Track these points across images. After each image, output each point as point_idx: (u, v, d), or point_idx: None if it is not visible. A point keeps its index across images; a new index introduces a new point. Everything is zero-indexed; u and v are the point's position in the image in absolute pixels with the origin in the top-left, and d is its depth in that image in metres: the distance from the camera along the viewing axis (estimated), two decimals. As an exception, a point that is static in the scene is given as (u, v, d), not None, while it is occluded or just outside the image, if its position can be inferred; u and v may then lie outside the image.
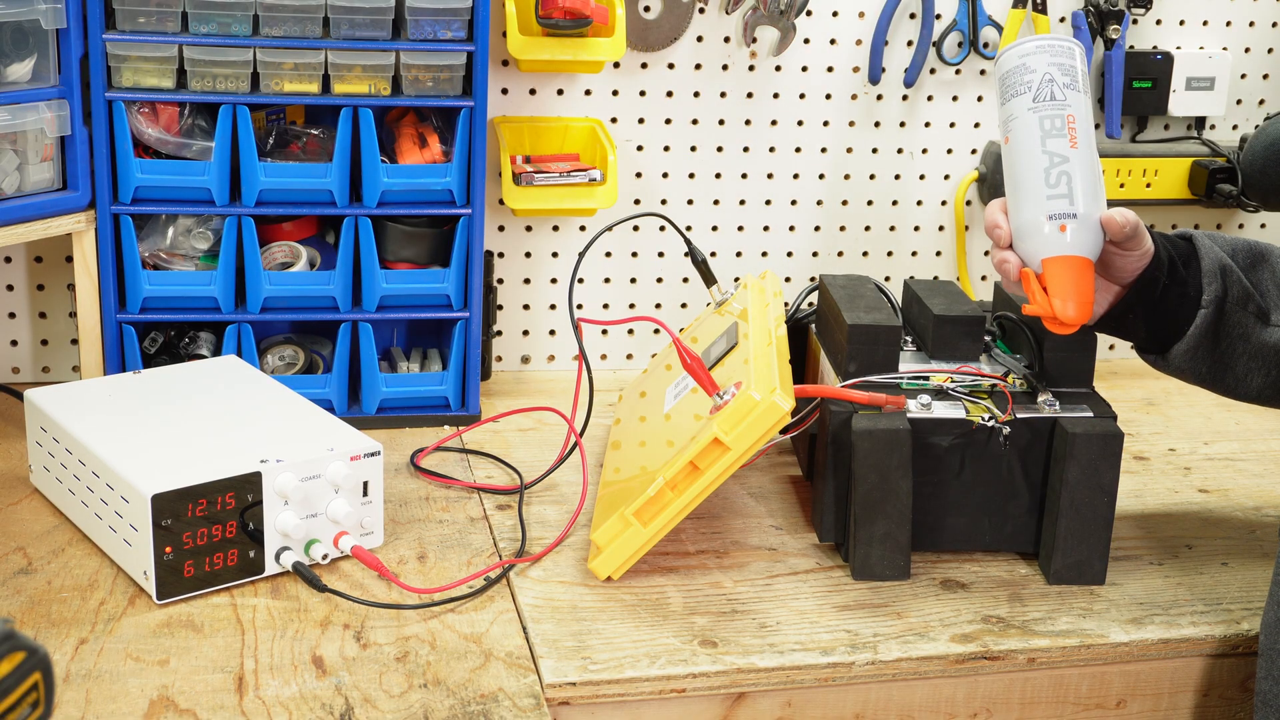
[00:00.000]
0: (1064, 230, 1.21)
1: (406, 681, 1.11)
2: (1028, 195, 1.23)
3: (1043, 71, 1.24)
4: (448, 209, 1.57)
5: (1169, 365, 1.32)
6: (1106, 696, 1.29)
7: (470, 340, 1.62)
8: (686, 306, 1.87)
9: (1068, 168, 1.22)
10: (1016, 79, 1.26)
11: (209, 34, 1.47)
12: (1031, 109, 1.24)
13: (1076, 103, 1.24)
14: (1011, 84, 1.26)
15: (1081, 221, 1.21)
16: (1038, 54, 1.25)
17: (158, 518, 1.17)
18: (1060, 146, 1.22)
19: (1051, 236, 1.21)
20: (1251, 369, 1.32)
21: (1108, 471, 1.29)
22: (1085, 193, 1.21)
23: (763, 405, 1.22)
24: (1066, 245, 1.21)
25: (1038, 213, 1.22)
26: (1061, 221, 1.21)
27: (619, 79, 1.76)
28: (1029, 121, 1.24)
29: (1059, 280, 1.20)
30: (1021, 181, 1.24)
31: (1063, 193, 1.21)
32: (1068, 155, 1.22)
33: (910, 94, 1.85)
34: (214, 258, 1.56)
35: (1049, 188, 1.22)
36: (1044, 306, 1.20)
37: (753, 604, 1.27)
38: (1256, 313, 1.30)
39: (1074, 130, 1.23)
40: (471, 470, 1.52)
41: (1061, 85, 1.24)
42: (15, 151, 1.45)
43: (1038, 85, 1.24)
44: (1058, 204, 1.21)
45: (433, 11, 1.50)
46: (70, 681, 1.09)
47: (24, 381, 1.70)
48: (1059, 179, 1.22)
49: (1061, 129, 1.22)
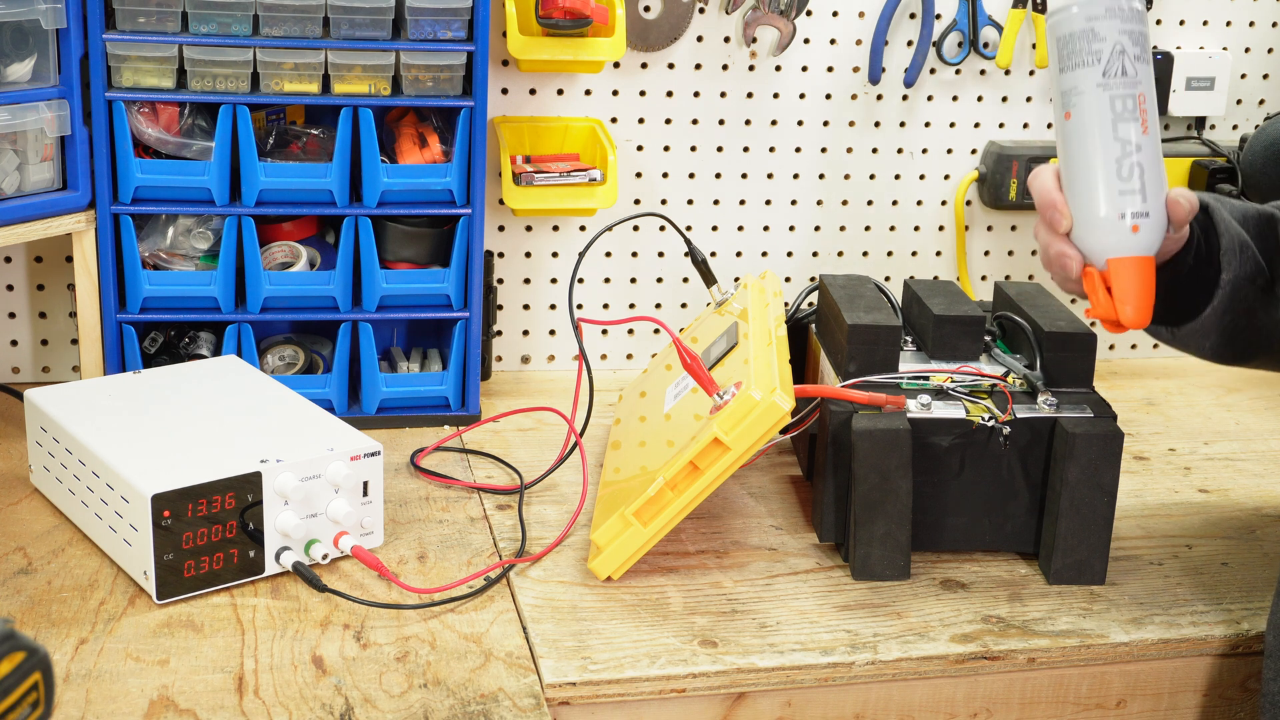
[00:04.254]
0: (1137, 231, 1.11)
1: (406, 681, 1.11)
2: (1096, 186, 1.12)
3: (1114, 40, 1.11)
4: (448, 209, 1.57)
5: (1175, 339, 1.27)
6: (1106, 696, 1.29)
7: (470, 340, 1.62)
8: (686, 306, 1.87)
9: (1141, 158, 1.11)
10: (1082, 46, 1.12)
11: (209, 34, 1.47)
12: (1102, 85, 1.11)
13: (1147, 78, 1.12)
14: (1076, 51, 1.12)
15: (1154, 219, 1.12)
16: (1108, 18, 1.12)
17: (158, 518, 1.17)
18: (1133, 132, 1.11)
19: (1123, 236, 1.12)
20: (1254, 341, 1.28)
21: (1108, 471, 1.29)
22: (1156, 187, 1.12)
23: (763, 405, 1.22)
24: (1138, 245, 1.12)
25: (1109, 208, 1.12)
26: (1135, 221, 1.11)
27: (619, 79, 1.77)
28: (1099, 101, 1.11)
29: (1127, 282, 1.12)
30: (1089, 170, 1.12)
31: (1136, 188, 1.11)
32: (1140, 143, 1.11)
33: (910, 94, 1.85)
34: (214, 258, 1.56)
35: (1121, 181, 1.11)
36: (1107, 309, 1.12)
37: (753, 604, 1.27)
38: (1264, 285, 1.26)
39: (1145, 112, 1.12)
40: (471, 470, 1.52)
41: (1133, 57, 1.11)
42: (15, 151, 1.45)
43: (1108, 56, 1.11)
44: (1131, 201, 1.11)
45: (433, 11, 1.51)
46: (70, 681, 1.09)
47: (24, 381, 1.70)
48: (1132, 171, 1.11)
49: (1134, 111, 1.11)
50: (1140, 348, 2.04)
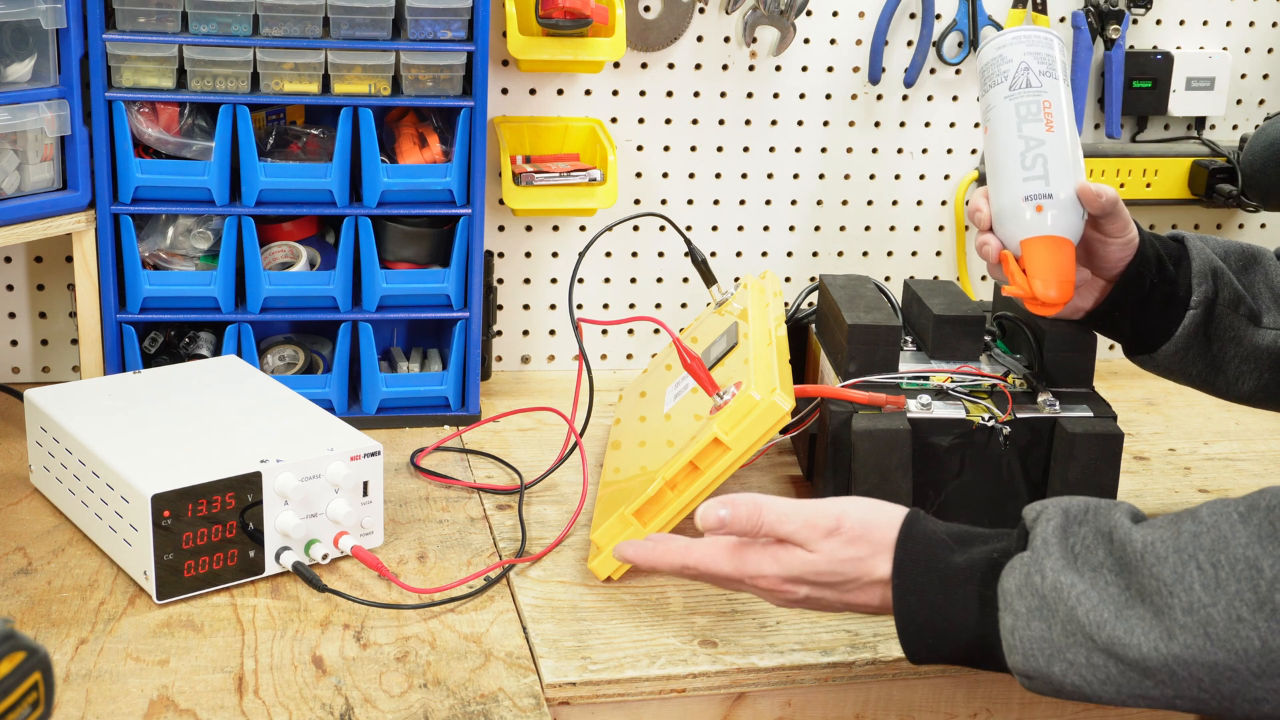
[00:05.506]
0: (1040, 210, 1.22)
1: (406, 681, 1.11)
2: (1005, 179, 1.24)
3: (1019, 61, 1.26)
4: (448, 209, 1.57)
5: (1158, 365, 1.34)
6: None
7: (470, 340, 1.62)
8: (686, 306, 1.87)
9: (1043, 150, 1.23)
10: (994, 70, 1.27)
11: (209, 34, 1.47)
12: (1008, 97, 1.25)
13: (1053, 89, 1.25)
14: (990, 75, 1.28)
15: (1057, 202, 1.22)
16: (1014, 44, 1.27)
17: (158, 518, 1.17)
18: (1036, 131, 1.23)
19: (1028, 217, 1.22)
20: (1244, 371, 1.33)
21: (1108, 471, 1.29)
22: (1061, 174, 1.22)
23: (763, 405, 1.22)
24: (1043, 225, 1.22)
25: (1014, 194, 1.23)
26: (1038, 202, 1.22)
27: (619, 79, 1.76)
28: (1005, 109, 1.25)
29: (1037, 260, 1.21)
30: (999, 167, 1.25)
31: (1038, 174, 1.22)
32: (1043, 139, 1.23)
33: (910, 94, 1.85)
34: (214, 258, 1.56)
35: (1025, 170, 1.23)
36: (1023, 287, 1.21)
37: (753, 604, 1.27)
38: (1249, 315, 1.31)
39: (1050, 115, 1.24)
40: (471, 470, 1.52)
41: (1037, 73, 1.25)
42: (15, 151, 1.45)
43: (1014, 74, 1.25)
44: (1033, 185, 1.22)
45: (433, 11, 1.51)
46: (70, 681, 1.09)
47: (24, 381, 1.70)
48: (1034, 161, 1.23)
49: (1037, 114, 1.24)
50: (1140, 348, 2.03)
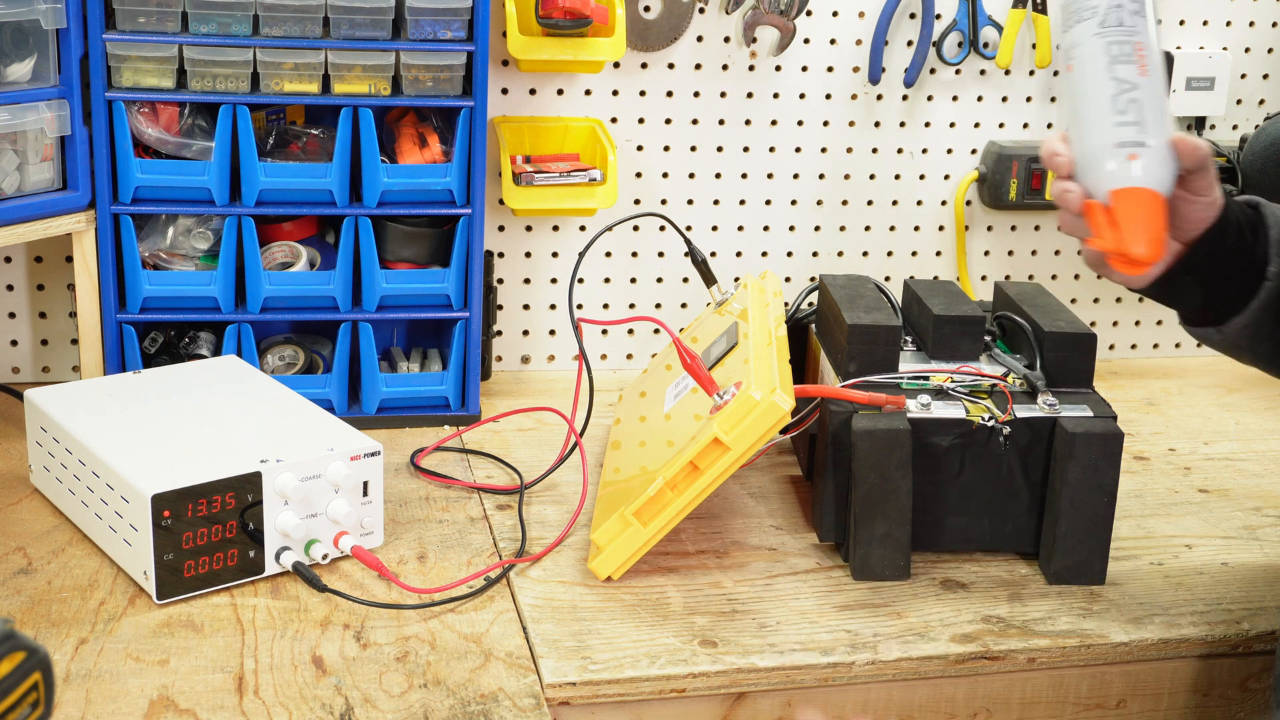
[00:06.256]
0: (1133, 159, 1.10)
1: (406, 681, 1.11)
2: (1093, 123, 1.12)
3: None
4: (448, 209, 1.57)
5: (1224, 339, 1.22)
6: (1107, 696, 1.29)
7: (470, 340, 1.62)
8: (686, 306, 1.87)
9: (1137, 95, 1.11)
10: (1080, 4, 1.15)
11: (209, 34, 1.47)
12: (1098, 34, 1.13)
13: (1144, 31, 1.13)
14: (1075, 9, 1.15)
15: (1152, 151, 1.10)
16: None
17: (158, 518, 1.17)
18: (1128, 73, 1.12)
19: (1121, 166, 1.10)
20: None
21: (1108, 471, 1.29)
22: (1157, 121, 1.11)
23: (763, 405, 1.22)
24: (1137, 176, 1.10)
25: (1105, 140, 1.11)
26: (1131, 150, 1.10)
27: (619, 79, 1.76)
28: (1094, 47, 1.13)
29: (1129, 213, 1.09)
30: (1087, 108, 1.13)
31: (1132, 120, 1.11)
32: (1137, 82, 1.11)
33: (910, 94, 1.85)
34: (214, 258, 1.56)
35: (1117, 114, 1.11)
36: (1112, 242, 1.10)
37: (753, 604, 1.27)
38: None
39: (1144, 57, 1.12)
40: (471, 470, 1.52)
41: (1130, 11, 1.13)
42: (15, 151, 1.45)
43: (1105, 9, 1.13)
44: (1126, 131, 1.11)
45: (433, 11, 1.51)
46: (70, 681, 1.09)
47: (24, 381, 1.70)
48: (1128, 105, 1.11)
49: (1130, 55, 1.12)
50: (1140, 348, 2.04)
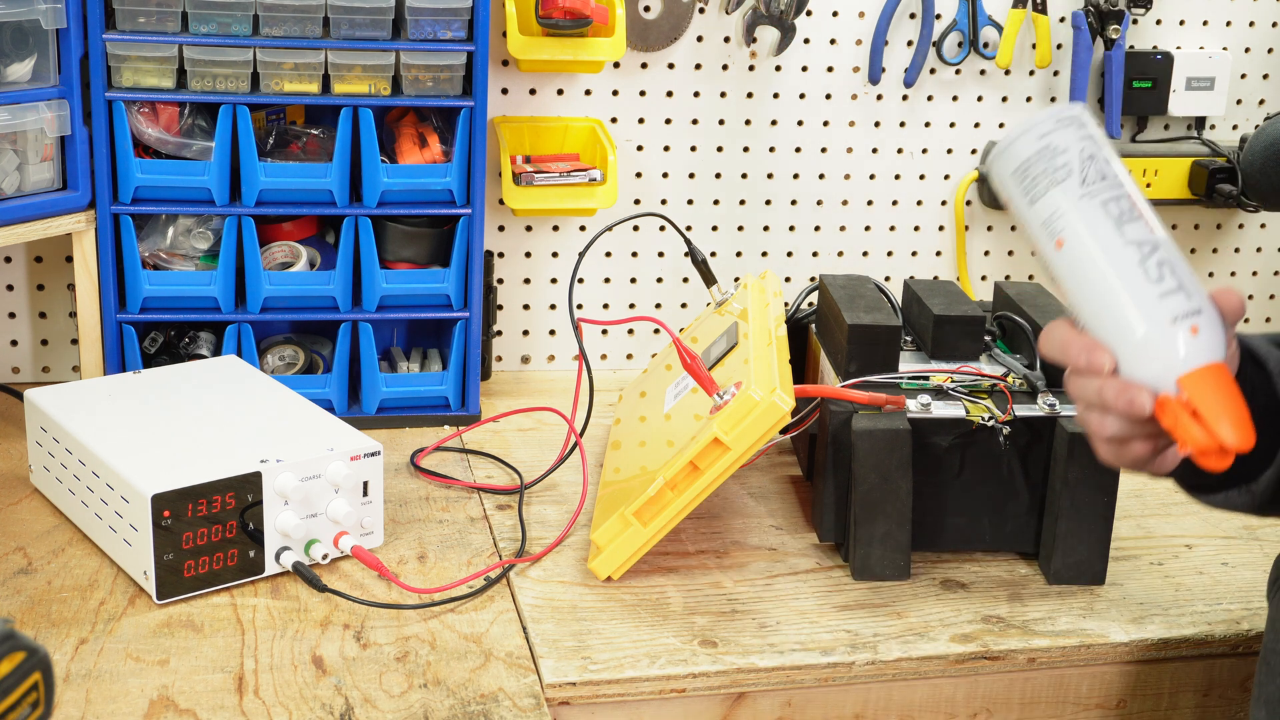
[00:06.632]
0: (1197, 332, 0.91)
1: (406, 681, 1.11)
2: (1131, 301, 0.92)
3: (1078, 147, 0.95)
4: (448, 209, 1.57)
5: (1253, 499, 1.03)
6: (1107, 696, 1.29)
7: (470, 340, 1.62)
8: (686, 306, 1.87)
9: (1164, 255, 0.93)
10: (1046, 165, 0.95)
11: (209, 34, 1.47)
12: (1085, 194, 0.94)
13: (1130, 181, 0.96)
14: (1040, 174, 0.95)
15: (1209, 317, 0.92)
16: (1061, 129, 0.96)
17: (158, 518, 1.17)
18: (1142, 232, 0.93)
19: (1188, 345, 0.91)
20: None
21: (1108, 471, 1.29)
22: (1193, 281, 0.93)
23: (763, 405, 1.22)
24: (1205, 351, 0.91)
25: (1155, 318, 0.91)
26: (1191, 322, 0.91)
27: (619, 79, 1.76)
28: (1089, 212, 0.94)
29: (1213, 399, 0.90)
30: (1110, 288, 0.93)
31: (1174, 285, 0.92)
32: (1157, 240, 0.93)
33: (910, 94, 1.85)
34: (214, 258, 1.56)
35: (1156, 284, 0.92)
36: (1205, 439, 0.89)
37: (753, 604, 1.27)
38: None
39: (1143, 209, 0.94)
40: (471, 470, 1.52)
41: (1104, 159, 0.95)
42: (15, 151, 1.45)
43: (1080, 163, 0.94)
44: (1175, 302, 0.91)
45: (433, 11, 1.51)
46: (70, 681, 1.09)
47: (24, 381, 1.70)
48: (1161, 270, 0.92)
49: (1132, 211, 0.93)
50: (1140, 348, 2.03)
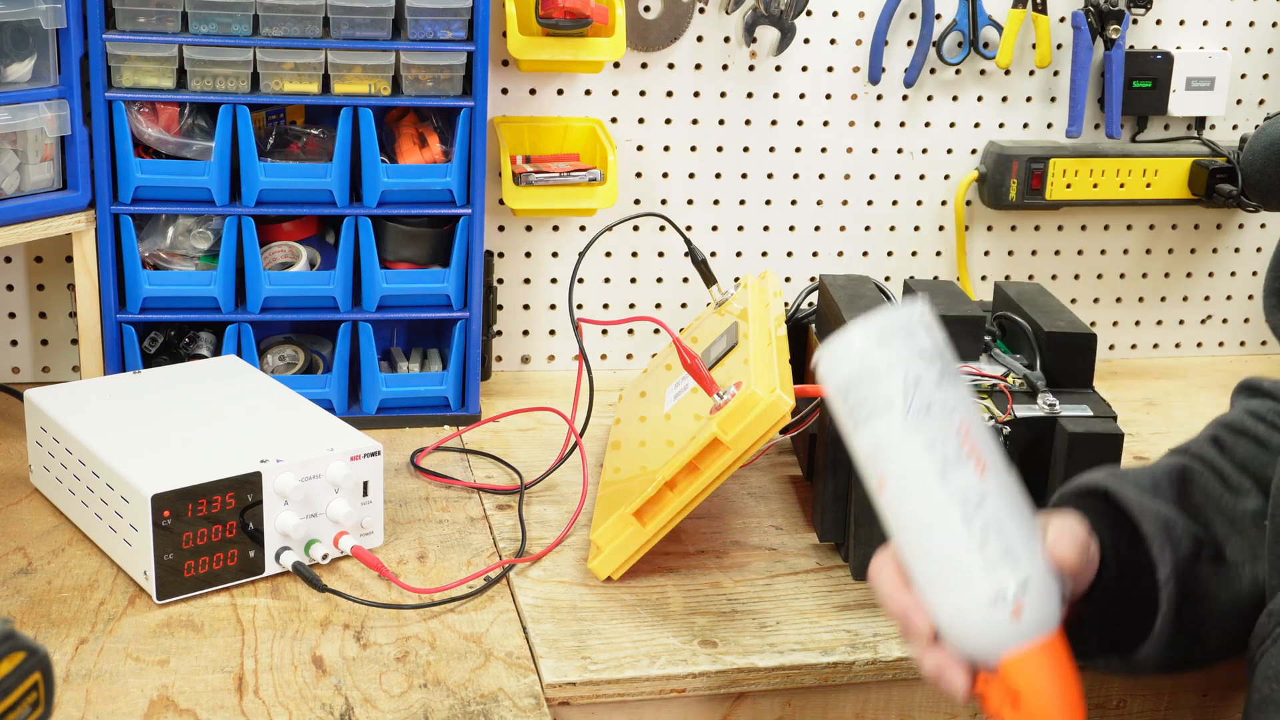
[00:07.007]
0: (1019, 613, 0.82)
1: (406, 681, 1.11)
2: (949, 568, 0.83)
3: (902, 370, 0.83)
4: (448, 209, 1.57)
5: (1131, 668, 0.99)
6: (1106, 696, 1.29)
7: (470, 340, 1.62)
8: (686, 306, 1.87)
9: (991, 510, 0.83)
10: (866, 391, 0.84)
11: (209, 34, 1.47)
12: (908, 430, 0.83)
13: (961, 400, 0.84)
14: (861, 399, 0.84)
15: (1038, 585, 0.83)
16: (883, 347, 0.84)
17: (158, 518, 1.17)
18: (967, 478, 0.83)
19: (1005, 628, 0.82)
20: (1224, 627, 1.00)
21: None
22: (1024, 539, 0.83)
23: (763, 405, 1.22)
24: (1031, 628, 0.82)
25: (975, 593, 0.82)
26: (1016, 598, 0.82)
27: (619, 79, 1.76)
28: (912, 453, 0.83)
29: (1035, 684, 0.82)
30: (930, 546, 0.84)
31: (998, 550, 0.82)
32: (984, 489, 0.83)
33: (910, 94, 1.85)
34: (214, 258, 1.56)
35: (977, 549, 0.82)
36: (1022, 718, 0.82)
37: (753, 604, 1.27)
38: (1214, 556, 1.00)
39: (974, 442, 0.83)
40: (471, 470, 1.52)
41: (934, 380, 0.83)
42: (15, 151, 1.45)
43: (903, 392, 0.83)
44: (999, 574, 0.82)
45: (433, 11, 1.50)
46: (70, 681, 1.09)
47: (24, 381, 1.70)
48: (985, 532, 0.82)
49: (959, 450, 0.83)
50: (1140, 348, 2.04)
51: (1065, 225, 1.95)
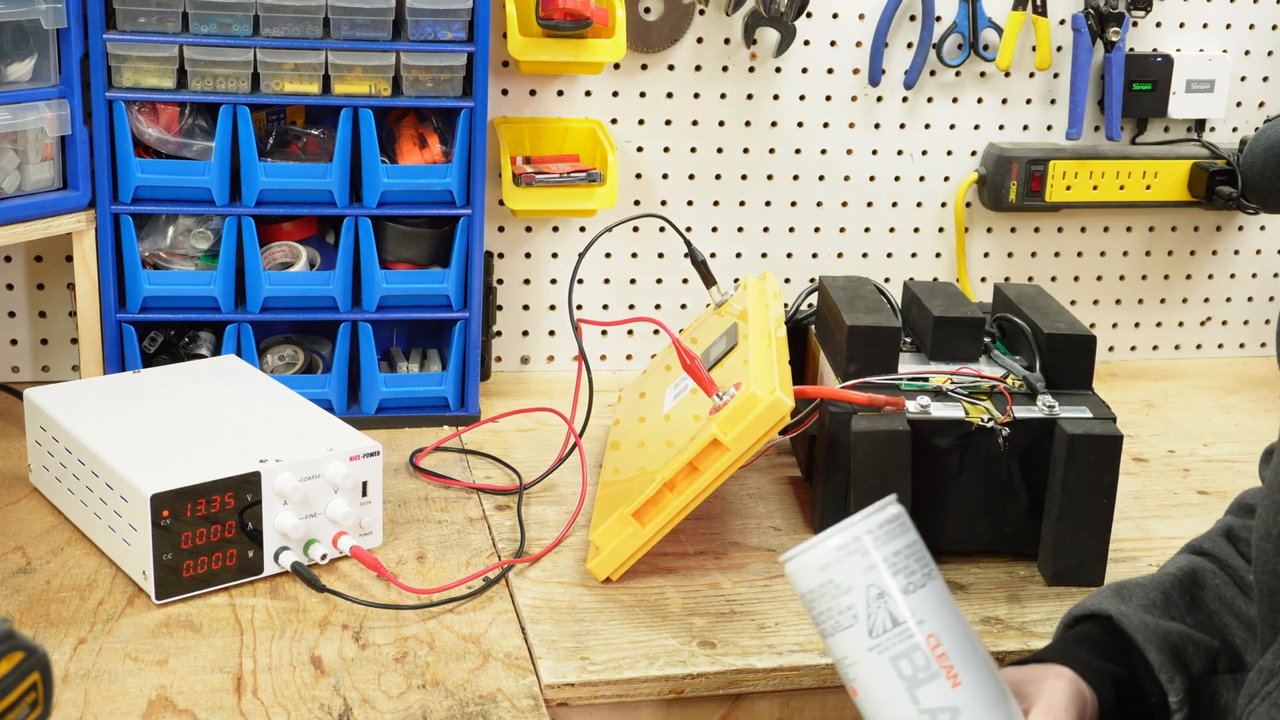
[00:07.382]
0: None
1: (405, 682, 1.11)
2: None
3: (864, 584, 0.82)
4: (448, 209, 1.57)
5: None
6: (1105, 698, 1.29)
7: (470, 340, 1.62)
8: (686, 307, 1.87)
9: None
10: (830, 605, 0.84)
11: (209, 34, 1.47)
12: (874, 648, 0.83)
13: (930, 608, 0.83)
14: (825, 612, 0.84)
15: None
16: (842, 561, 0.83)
17: (157, 517, 1.17)
18: (939, 695, 0.82)
19: None
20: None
21: (1107, 473, 1.29)
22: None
23: (762, 406, 1.22)
24: None
25: None
26: None
27: (619, 80, 1.77)
28: (879, 670, 0.83)
29: None
30: None
31: None
32: (956, 703, 0.82)
33: (910, 96, 1.85)
34: (214, 257, 1.56)
35: None
36: None
37: (751, 605, 1.27)
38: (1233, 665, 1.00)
39: (945, 656, 0.82)
40: (471, 470, 1.52)
41: (900, 590, 0.82)
42: (15, 151, 1.45)
43: (866, 609, 0.82)
44: None
45: (433, 12, 1.51)
46: (69, 681, 1.09)
47: (24, 381, 1.70)
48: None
49: (930, 665, 0.82)
50: (1140, 349, 2.04)
51: (1065, 227, 1.96)
